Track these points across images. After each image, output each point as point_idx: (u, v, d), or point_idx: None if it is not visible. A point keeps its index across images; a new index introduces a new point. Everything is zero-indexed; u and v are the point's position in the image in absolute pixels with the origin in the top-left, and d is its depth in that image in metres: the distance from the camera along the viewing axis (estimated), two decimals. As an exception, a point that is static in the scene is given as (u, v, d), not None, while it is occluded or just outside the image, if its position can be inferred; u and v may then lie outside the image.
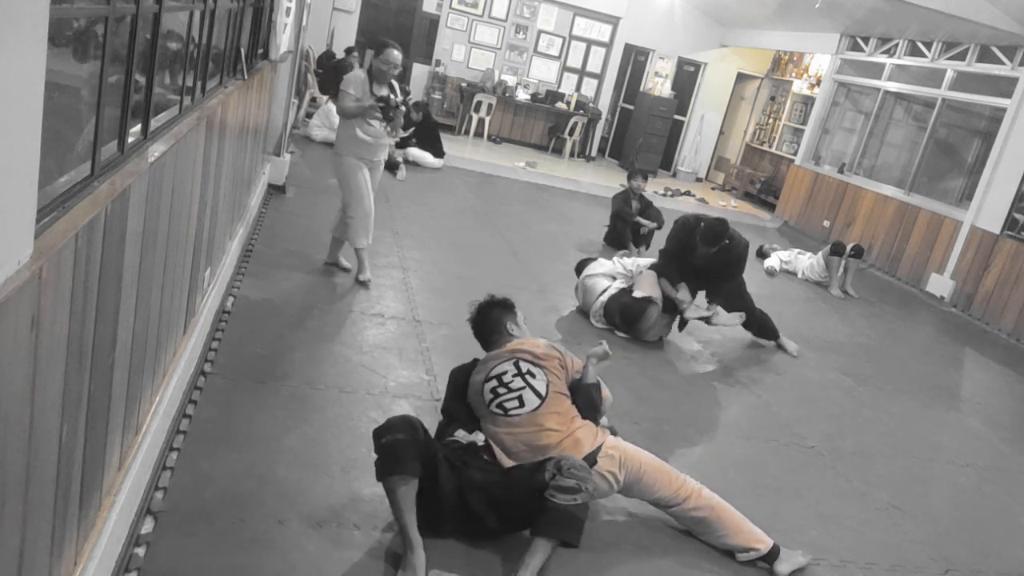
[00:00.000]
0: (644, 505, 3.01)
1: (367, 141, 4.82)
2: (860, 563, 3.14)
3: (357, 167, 4.86)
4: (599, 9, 13.08)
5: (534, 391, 2.93)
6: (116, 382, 2.07)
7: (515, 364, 2.99)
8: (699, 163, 14.21)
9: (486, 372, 3.05)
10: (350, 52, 11.42)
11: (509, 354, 3.06)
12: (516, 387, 2.93)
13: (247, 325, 3.99)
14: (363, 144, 4.82)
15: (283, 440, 3.05)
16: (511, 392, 2.93)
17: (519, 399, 2.91)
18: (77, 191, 1.62)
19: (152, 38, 2.19)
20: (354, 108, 4.71)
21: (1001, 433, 5.01)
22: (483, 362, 3.14)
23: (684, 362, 5.01)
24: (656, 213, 7.61)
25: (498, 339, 3.23)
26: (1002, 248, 7.85)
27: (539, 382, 2.96)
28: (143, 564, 2.24)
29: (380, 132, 4.85)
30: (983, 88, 8.73)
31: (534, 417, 2.88)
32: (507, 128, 13.33)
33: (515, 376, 2.96)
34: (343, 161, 4.88)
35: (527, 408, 2.89)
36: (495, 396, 2.95)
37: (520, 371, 2.97)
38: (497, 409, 2.92)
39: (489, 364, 3.07)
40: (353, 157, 4.85)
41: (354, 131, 4.79)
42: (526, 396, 2.92)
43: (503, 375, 2.98)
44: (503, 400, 2.93)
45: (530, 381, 2.95)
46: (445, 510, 2.62)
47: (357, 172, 4.87)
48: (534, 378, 2.96)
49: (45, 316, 1.43)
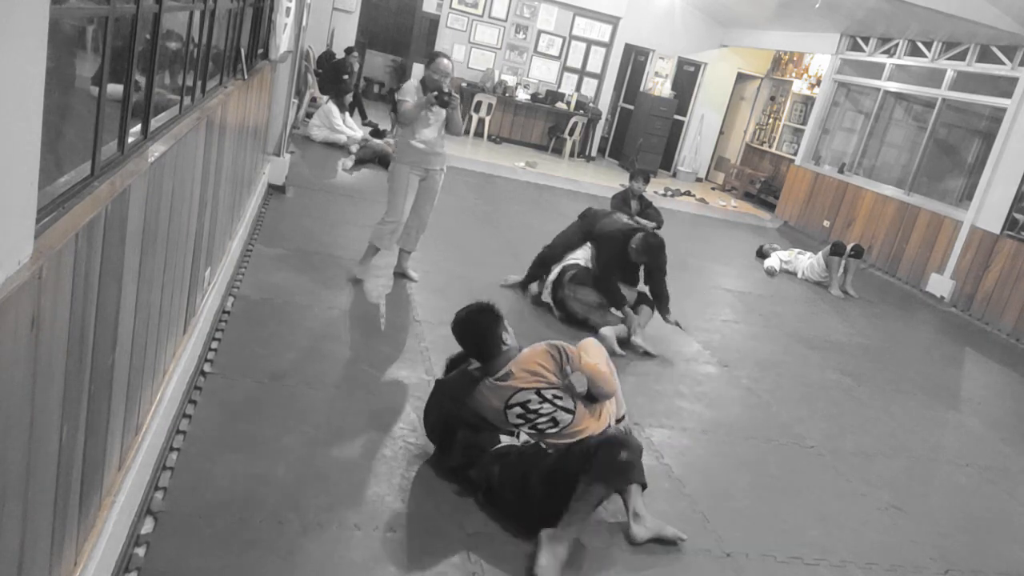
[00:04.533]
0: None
1: (420, 148, 4.89)
2: (860, 563, 3.14)
3: (406, 174, 4.96)
4: (599, 9, 13.07)
5: (564, 410, 3.00)
6: (116, 382, 2.07)
7: (538, 393, 3.00)
8: (699, 163, 14.21)
9: (503, 398, 3.01)
10: (350, 52, 11.41)
11: (526, 382, 3.00)
12: (546, 411, 3.00)
13: (247, 325, 3.99)
14: (416, 151, 4.91)
15: (283, 440, 3.05)
16: (542, 416, 3.00)
17: (552, 420, 3.00)
18: (77, 191, 1.62)
19: (152, 38, 2.19)
20: (411, 106, 4.83)
21: (1001, 433, 5.01)
22: (491, 388, 3.03)
23: (683, 362, 5.01)
24: (656, 213, 7.61)
25: (491, 349, 3.10)
26: (1002, 248, 7.85)
27: (566, 401, 3.01)
28: (143, 564, 2.24)
29: (435, 140, 4.94)
30: (983, 88, 8.73)
31: (570, 429, 2.99)
32: (507, 128, 13.33)
33: (541, 403, 3.00)
34: (395, 168, 5.02)
35: (562, 425, 2.99)
36: (525, 421, 3.02)
37: (545, 398, 3.01)
38: (531, 430, 3.02)
39: (504, 391, 3.01)
40: (406, 164, 4.95)
41: (409, 139, 4.91)
42: (559, 416, 3.00)
43: (527, 403, 3.00)
44: (536, 423, 3.01)
45: (558, 403, 3.00)
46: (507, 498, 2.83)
47: (402, 179, 4.96)
48: (561, 400, 3.01)
49: (45, 316, 1.43)
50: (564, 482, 2.73)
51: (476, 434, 3.02)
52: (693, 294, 6.84)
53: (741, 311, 6.53)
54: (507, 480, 2.87)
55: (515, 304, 5.35)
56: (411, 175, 4.97)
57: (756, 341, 5.80)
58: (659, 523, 2.95)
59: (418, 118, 4.85)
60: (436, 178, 5.07)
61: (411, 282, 5.28)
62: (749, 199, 12.99)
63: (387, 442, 3.22)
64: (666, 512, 3.10)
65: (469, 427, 3.03)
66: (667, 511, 3.12)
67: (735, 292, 7.13)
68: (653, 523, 2.93)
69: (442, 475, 3.04)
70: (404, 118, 4.91)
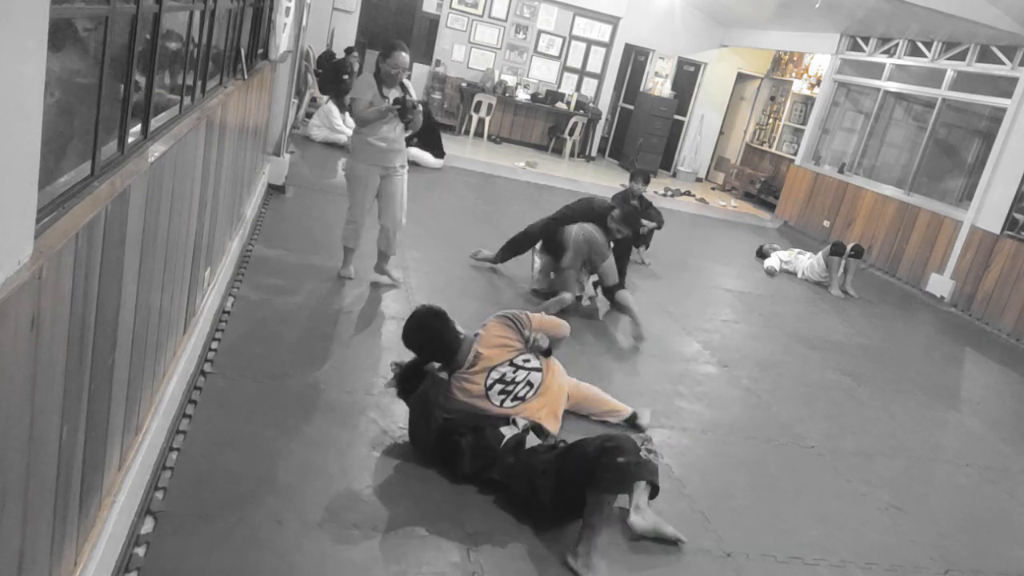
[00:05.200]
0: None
1: (380, 147, 4.68)
2: (860, 563, 3.14)
3: (366, 174, 4.75)
4: (599, 9, 13.07)
5: (535, 370, 3.27)
6: (116, 382, 2.07)
7: (511, 364, 3.26)
8: (699, 163, 14.21)
9: (482, 381, 3.20)
10: (350, 52, 11.42)
11: (498, 357, 3.25)
12: (521, 378, 3.23)
13: (247, 325, 3.99)
14: (377, 150, 4.69)
15: (283, 440, 3.05)
16: (518, 384, 3.22)
17: (527, 383, 3.24)
18: (77, 191, 1.62)
19: (152, 38, 2.19)
20: (371, 114, 4.57)
21: (1001, 433, 5.01)
22: (466, 379, 3.21)
23: (683, 362, 5.01)
24: (656, 214, 7.61)
25: (451, 345, 3.22)
26: (1002, 248, 7.85)
27: (534, 361, 3.32)
28: (143, 564, 2.24)
29: (395, 137, 4.70)
30: (983, 88, 8.73)
31: (545, 388, 3.29)
32: (507, 128, 13.33)
33: (515, 371, 3.24)
34: (354, 167, 4.80)
35: (536, 384, 3.27)
36: (505, 395, 3.21)
37: (518, 366, 3.26)
38: (513, 401, 3.20)
39: (480, 375, 3.21)
40: (365, 164, 4.74)
41: (367, 137, 4.66)
42: (531, 378, 3.26)
43: (503, 376, 3.23)
44: (516, 393, 3.21)
45: (529, 367, 3.27)
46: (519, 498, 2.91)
47: (360, 178, 4.77)
48: (530, 362, 3.31)
49: (45, 316, 1.43)
50: (570, 489, 2.74)
51: (480, 434, 3.02)
52: (693, 294, 6.85)
53: (741, 311, 6.53)
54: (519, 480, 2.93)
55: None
56: (370, 174, 4.75)
57: (756, 341, 5.80)
58: (659, 520, 2.96)
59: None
60: (399, 177, 4.85)
61: (394, 285, 5.06)
62: (749, 199, 12.99)
63: (387, 442, 3.21)
64: (666, 512, 3.10)
65: (470, 430, 3.04)
66: (667, 511, 3.12)
67: (735, 292, 7.13)
68: (653, 518, 2.95)
69: (443, 475, 3.04)
70: (359, 120, 4.65)
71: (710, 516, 3.21)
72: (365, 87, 4.64)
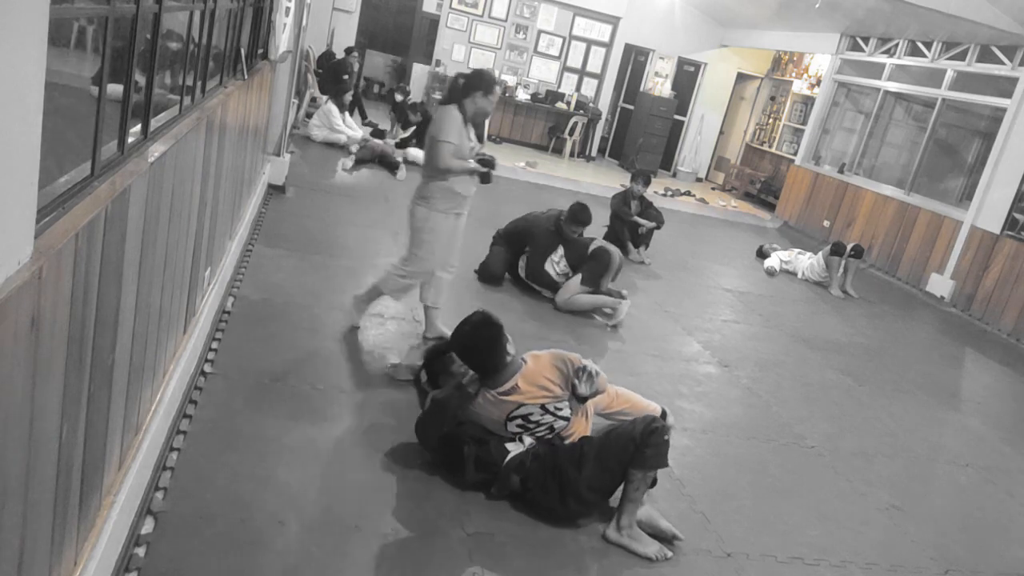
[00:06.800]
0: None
1: (464, 196, 4.09)
2: (860, 563, 3.14)
3: (445, 223, 4.09)
4: (599, 9, 13.07)
5: (562, 418, 3.10)
6: (116, 382, 2.07)
7: (542, 407, 3.07)
8: (699, 163, 14.21)
9: (506, 411, 3.05)
10: (350, 52, 11.42)
11: (532, 398, 3.03)
12: (545, 421, 3.09)
13: (247, 325, 3.99)
14: (460, 198, 4.08)
15: (283, 440, 3.05)
16: (540, 426, 3.09)
17: (550, 428, 3.10)
18: (77, 191, 1.62)
19: (152, 38, 2.19)
20: (458, 167, 3.93)
21: (1001, 433, 5.01)
22: (494, 401, 3.05)
23: (683, 362, 5.01)
24: (656, 214, 7.61)
25: (496, 364, 3.05)
26: (1002, 248, 7.85)
27: (565, 410, 3.10)
28: (143, 564, 2.24)
29: (471, 180, 4.08)
30: (983, 88, 8.73)
31: (564, 432, 3.13)
32: (507, 128, 13.33)
33: (543, 415, 3.08)
34: (431, 216, 4.03)
35: (558, 430, 3.12)
36: (523, 430, 3.10)
37: (547, 411, 3.08)
38: (528, 436, 3.10)
39: (507, 405, 3.04)
40: (446, 213, 4.06)
41: (454, 186, 3.99)
42: (556, 424, 3.10)
43: (529, 415, 3.07)
44: (534, 431, 3.10)
45: (559, 414, 3.09)
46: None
47: (443, 230, 4.10)
48: (561, 410, 3.09)
49: (45, 316, 1.42)
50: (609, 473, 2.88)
51: (485, 448, 3.00)
52: (693, 294, 6.84)
53: (741, 311, 6.53)
54: (538, 483, 2.91)
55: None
56: (449, 222, 4.11)
57: (756, 341, 5.80)
58: (655, 513, 2.98)
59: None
60: (463, 219, 4.25)
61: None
62: (749, 199, 12.99)
63: (387, 442, 3.21)
64: (666, 512, 3.10)
65: (475, 441, 3.02)
66: (667, 511, 3.12)
67: (735, 292, 7.13)
68: (650, 511, 2.97)
69: (442, 475, 3.04)
70: (444, 168, 3.91)
71: (710, 516, 3.21)
72: (451, 127, 3.87)
